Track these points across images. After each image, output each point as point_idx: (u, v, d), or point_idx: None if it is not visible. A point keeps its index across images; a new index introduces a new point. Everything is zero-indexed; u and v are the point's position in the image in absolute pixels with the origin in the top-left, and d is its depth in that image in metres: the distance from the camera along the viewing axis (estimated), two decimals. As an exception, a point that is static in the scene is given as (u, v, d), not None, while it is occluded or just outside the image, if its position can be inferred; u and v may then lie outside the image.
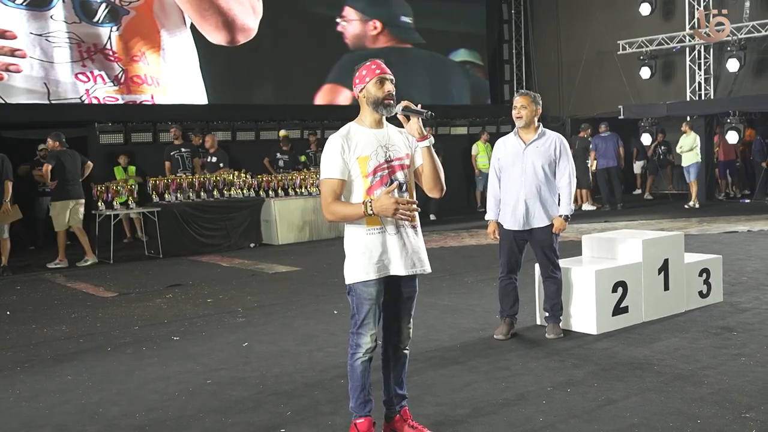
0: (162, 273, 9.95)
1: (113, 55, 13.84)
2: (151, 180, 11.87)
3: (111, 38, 13.83)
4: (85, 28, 13.56)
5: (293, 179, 12.96)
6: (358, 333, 3.73)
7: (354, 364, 3.76)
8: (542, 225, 5.75)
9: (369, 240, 3.66)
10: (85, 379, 5.29)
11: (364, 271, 3.66)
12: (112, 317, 7.31)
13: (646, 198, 18.27)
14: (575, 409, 4.27)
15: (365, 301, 3.69)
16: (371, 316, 3.69)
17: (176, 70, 14.54)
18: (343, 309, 7.19)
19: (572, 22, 19.37)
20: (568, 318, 6.02)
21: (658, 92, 17.79)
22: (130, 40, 14.06)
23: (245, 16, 15.22)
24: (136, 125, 13.91)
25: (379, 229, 3.66)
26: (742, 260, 8.77)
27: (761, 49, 16.15)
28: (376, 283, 3.66)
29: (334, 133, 3.72)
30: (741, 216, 13.36)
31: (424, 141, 3.70)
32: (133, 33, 14.09)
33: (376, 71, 3.71)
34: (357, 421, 3.81)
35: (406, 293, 3.80)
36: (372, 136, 3.71)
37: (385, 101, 3.69)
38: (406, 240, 3.72)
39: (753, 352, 5.21)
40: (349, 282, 3.74)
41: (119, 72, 13.92)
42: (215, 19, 14.83)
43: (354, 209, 3.60)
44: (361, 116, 3.78)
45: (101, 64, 13.71)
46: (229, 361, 5.59)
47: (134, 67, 14.09)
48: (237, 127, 15.03)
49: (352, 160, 3.65)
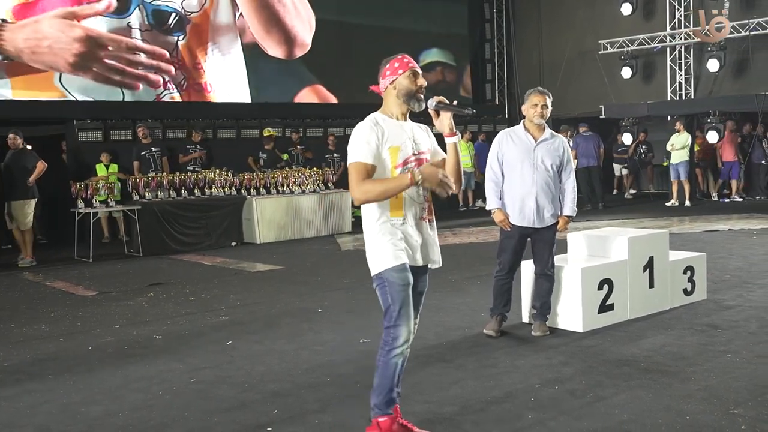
0: (142, 272, 9.84)
1: (178, 62, 14.30)
2: (131, 178, 11.74)
3: (178, 46, 14.29)
4: (156, 35, 13.95)
5: (275, 178, 12.88)
6: (396, 325, 3.62)
7: (389, 360, 3.65)
8: (551, 223, 5.75)
9: (393, 230, 3.63)
10: (67, 378, 5.20)
11: (393, 256, 3.60)
12: (92, 316, 7.20)
13: (626, 197, 18.36)
14: (564, 407, 4.25)
15: (400, 287, 3.59)
16: (408, 304, 3.60)
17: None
18: (327, 308, 7.15)
19: (554, 21, 19.45)
20: (554, 315, 6.00)
21: (639, 92, 17.90)
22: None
23: (304, 32, 15.74)
24: (115, 122, 13.77)
25: (401, 221, 3.64)
26: (724, 258, 8.82)
27: (741, 49, 16.29)
28: (406, 269, 3.60)
29: (361, 121, 3.67)
30: (721, 215, 13.45)
31: (453, 137, 3.70)
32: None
33: (409, 64, 3.70)
34: (380, 419, 3.72)
35: (419, 287, 3.77)
36: (400, 128, 3.69)
37: (418, 94, 3.68)
38: (424, 232, 3.72)
39: (738, 349, 5.22)
40: (378, 271, 3.64)
41: (182, 79, 14.37)
42: (279, 35, 15.33)
43: (398, 181, 3.53)
44: (389, 108, 3.74)
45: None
46: (213, 360, 5.52)
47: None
48: (218, 125, 14.92)
49: (383, 149, 3.61)
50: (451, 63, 18.93)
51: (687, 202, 15.57)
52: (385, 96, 3.76)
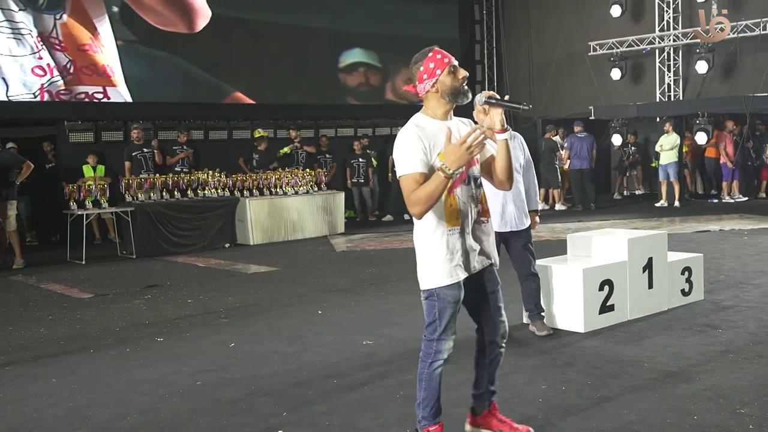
0: (137, 273, 9.81)
1: (60, 45, 13.09)
2: (124, 179, 11.70)
3: (56, 26, 13.07)
4: (31, 15, 12.87)
5: (268, 179, 12.86)
6: (440, 339, 3.58)
7: (433, 372, 3.60)
8: (528, 223, 5.81)
9: (451, 240, 3.49)
10: (71, 381, 5.18)
11: (448, 273, 3.50)
12: (91, 318, 7.17)
13: (615, 198, 18.47)
14: (572, 408, 4.28)
15: (449, 305, 3.53)
16: (453, 321, 3.56)
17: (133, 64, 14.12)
18: (327, 309, 7.15)
19: (543, 23, 19.53)
20: (555, 317, 6.04)
21: (629, 93, 18.01)
22: (75, 27, 13.30)
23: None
24: (106, 124, 13.71)
25: (459, 229, 3.49)
26: (717, 259, 8.90)
27: (729, 51, 16.42)
28: (459, 286, 3.53)
29: (403, 128, 3.50)
30: (711, 216, 13.56)
31: (504, 133, 3.53)
32: (80, 19, 13.34)
33: (445, 61, 3.49)
34: (430, 428, 3.68)
35: (489, 288, 3.69)
36: (445, 129, 3.44)
37: (464, 87, 3.51)
38: (481, 235, 3.60)
39: (740, 349, 5.28)
40: (430, 287, 3.54)
41: (67, 62, 13.17)
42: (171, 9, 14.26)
43: (434, 182, 3.31)
44: (432, 109, 3.55)
45: (51, 54, 13.00)
46: (217, 362, 5.51)
47: (83, 56, 13.36)
48: (210, 126, 14.89)
49: (433, 155, 3.42)
50: (375, 64, 17.85)
51: (676, 202, 15.68)
52: (426, 98, 3.55)
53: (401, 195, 3.55)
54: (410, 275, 4.69)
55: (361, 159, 15.44)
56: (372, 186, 15.60)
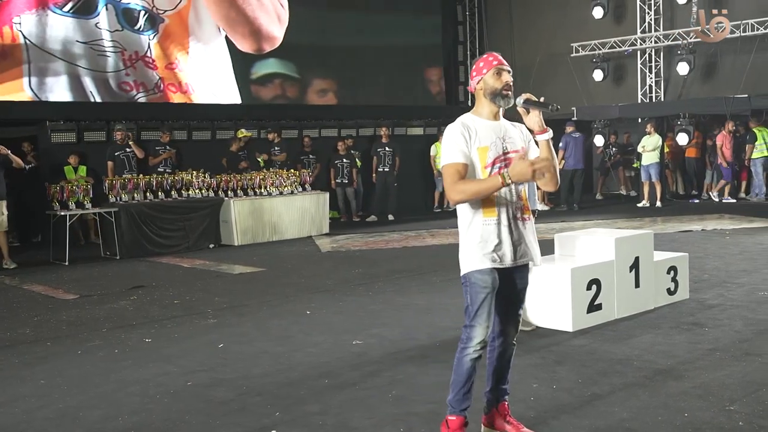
0: (122, 274, 9.75)
1: (152, 63, 14.18)
2: (108, 180, 11.62)
3: (150, 46, 14.19)
4: (128, 35, 13.90)
5: (252, 179, 12.82)
6: (472, 325, 3.67)
7: (463, 358, 3.69)
8: None
9: (485, 230, 3.64)
10: (60, 383, 5.14)
11: (479, 260, 3.64)
12: (77, 319, 7.12)
13: (597, 198, 18.59)
14: (564, 406, 4.31)
15: (481, 290, 3.64)
16: (485, 307, 3.63)
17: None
18: (315, 309, 7.15)
19: (525, 24, 19.63)
20: (543, 315, 6.07)
21: (611, 94, 18.15)
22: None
23: (271, 25, 15.57)
24: (89, 124, 13.60)
25: (495, 221, 3.64)
26: (701, 258, 8.99)
27: (710, 53, 16.60)
28: (491, 272, 3.63)
29: (450, 124, 3.71)
30: (693, 216, 13.69)
31: (545, 134, 3.68)
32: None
33: (493, 62, 3.71)
34: (449, 417, 3.75)
35: (519, 284, 3.78)
36: (489, 128, 3.69)
37: (503, 91, 3.69)
38: (518, 231, 3.70)
39: (726, 347, 5.34)
40: (464, 272, 3.70)
41: (158, 80, 14.31)
42: (243, 28, 15.16)
43: (489, 182, 3.55)
44: (478, 108, 3.76)
45: (142, 72, 14.13)
46: (206, 363, 5.50)
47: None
48: (193, 126, 14.81)
49: (472, 149, 3.63)
50: (293, 75, 17.12)
51: (658, 202, 15.82)
52: (476, 96, 3.77)
53: (385, 195, 3.69)
54: (397, 275, 4.72)
55: (345, 159, 15.43)
56: (356, 186, 15.59)
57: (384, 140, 15.77)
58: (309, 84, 17.28)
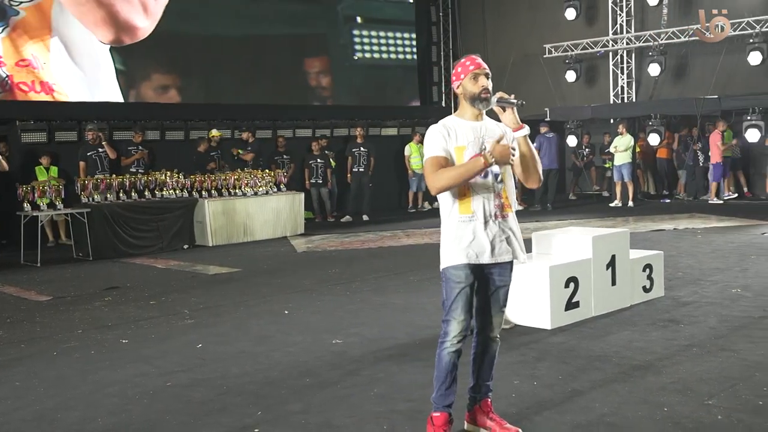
0: (95, 275, 9.63)
1: None
2: (80, 180, 11.48)
3: None
4: None
5: (227, 179, 12.75)
6: (447, 320, 3.72)
7: (441, 353, 3.73)
8: None
9: (460, 227, 3.69)
10: (36, 384, 5.07)
11: (455, 255, 3.69)
12: (51, 321, 7.02)
13: (570, 198, 18.73)
14: (546, 402, 4.34)
15: (455, 284, 3.67)
16: (460, 302, 3.66)
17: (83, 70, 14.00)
18: (293, 309, 7.12)
19: (498, 25, 19.74)
20: (521, 313, 6.11)
21: (583, 95, 18.31)
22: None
23: (132, 14, 14.36)
24: (60, 123, 13.42)
25: (470, 218, 3.68)
26: (674, 257, 9.09)
27: (680, 54, 16.82)
28: (465, 267, 3.66)
29: (433, 125, 3.79)
30: (664, 215, 13.85)
31: (521, 131, 3.71)
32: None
33: (470, 67, 3.76)
34: (434, 414, 3.77)
35: (499, 282, 3.79)
36: (469, 128, 3.74)
37: (481, 95, 3.73)
38: (497, 229, 3.72)
39: (702, 343, 5.41)
40: (442, 267, 3.75)
41: (4, 78, 13.09)
42: (94, 14, 13.91)
43: (471, 164, 3.60)
44: (461, 110, 3.83)
45: None
46: (185, 363, 5.45)
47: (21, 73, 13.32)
48: (166, 126, 14.68)
49: (450, 148, 3.70)
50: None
51: (630, 202, 15.97)
52: (459, 99, 3.85)
53: (360, 196, 3.72)
54: (374, 275, 4.72)
55: (320, 160, 15.38)
56: (330, 187, 15.56)
57: (359, 140, 15.76)
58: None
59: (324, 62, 17.88)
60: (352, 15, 18.33)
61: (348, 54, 18.20)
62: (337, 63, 17.98)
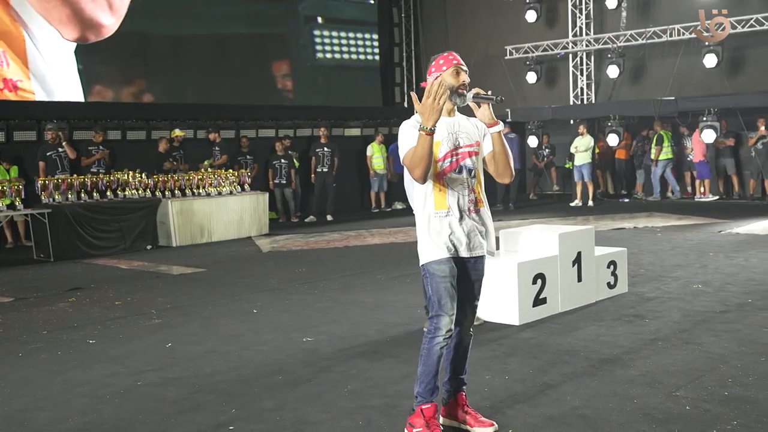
0: (57, 276, 9.48)
1: None
2: (40, 180, 11.29)
3: None
4: None
5: (190, 179, 12.64)
6: (438, 315, 3.71)
7: (432, 348, 3.72)
8: None
9: (437, 222, 3.74)
10: (2, 386, 4.99)
11: (435, 250, 3.73)
12: (14, 322, 6.90)
13: (531, 198, 18.94)
14: (518, 396, 4.40)
15: (441, 279, 3.70)
16: (448, 296, 3.69)
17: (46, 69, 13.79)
18: (261, 308, 7.11)
19: (460, 26, 19.86)
20: (490, 310, 6.17)
21: (544, 96, 18.53)
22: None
23: (97, 11, 14.16)
24: (19, 123, 13.18)
25: (445, 213, 3.73)
26: (636, 254, 9.26)
27: (638, 56, 17.12)
28: (447, 261, 3.70)
29: (405, 121, 3.78)
30: (624, 214, 14.09)
31: (495, 126, 3.77)
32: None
33: (453, 61, 3.81)
34: (423, 406, 3.78)
35: (473, 275, 3.85)
36: (442, 123, 3.73)
37: (459, 90, 3.77)
38: (471, 223, 3.78)
39: (667, 337, 5.53)
40: (422, 263, 3.77)
41: None
42: (59, 12, 13.68)
43: (418, 142, 3.56)
44: None
45: None
46: (155, 363, 5.41)
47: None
48: (128, 126, 14.51)
49: None
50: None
51: (590, 202, 16.22)
52: None
53: (324, 196, 3.72)
54: (341, 274, 4.74)
55: (283, 160, 15.33)
56: (294, 187, 15.52)
57: (323, 141, 15.74)
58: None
59: (286, 62, 17.87)
60: (313, 15, 18.36)
61: (309, 54, 18.22)
62: (298, 63, 17.99)
